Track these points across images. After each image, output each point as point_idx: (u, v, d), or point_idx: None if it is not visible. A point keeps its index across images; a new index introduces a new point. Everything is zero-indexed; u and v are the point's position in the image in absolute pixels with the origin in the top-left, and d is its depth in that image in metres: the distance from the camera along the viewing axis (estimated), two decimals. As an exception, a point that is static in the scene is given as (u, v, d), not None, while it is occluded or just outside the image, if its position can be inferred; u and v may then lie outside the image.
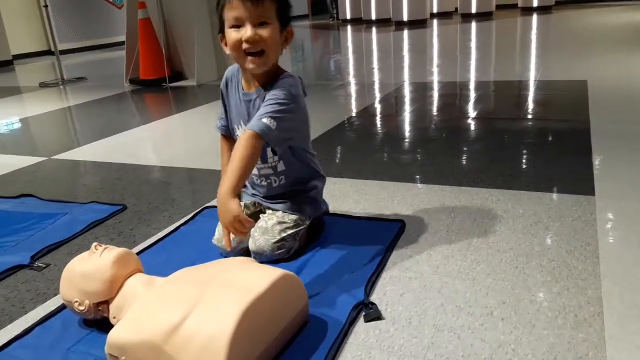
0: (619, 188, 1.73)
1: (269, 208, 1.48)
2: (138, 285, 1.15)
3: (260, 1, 1.25)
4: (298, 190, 1.48)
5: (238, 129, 1.46)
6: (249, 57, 1.30)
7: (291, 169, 1.46)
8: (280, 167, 1.45)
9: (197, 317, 0.97)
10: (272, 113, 1.29)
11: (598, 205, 1.61)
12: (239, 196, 1.24)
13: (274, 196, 1.49)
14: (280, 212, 1.45)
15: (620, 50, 4.74)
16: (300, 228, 1.44)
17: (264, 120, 1.27)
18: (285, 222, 1.42)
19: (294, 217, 1.44)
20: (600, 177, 1.83)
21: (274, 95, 1.32)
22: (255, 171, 1.46)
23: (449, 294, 1.21)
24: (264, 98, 1.35)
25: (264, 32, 1.27)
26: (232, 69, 1.47)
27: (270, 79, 1.37)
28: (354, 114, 3.16)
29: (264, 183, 1.48)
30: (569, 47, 5.30)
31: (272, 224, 1.41)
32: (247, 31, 1.26)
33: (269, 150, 1.42)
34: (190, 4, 4.66)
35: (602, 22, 7.30)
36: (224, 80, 1.49)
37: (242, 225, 1.19)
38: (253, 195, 1.54)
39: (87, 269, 1.16)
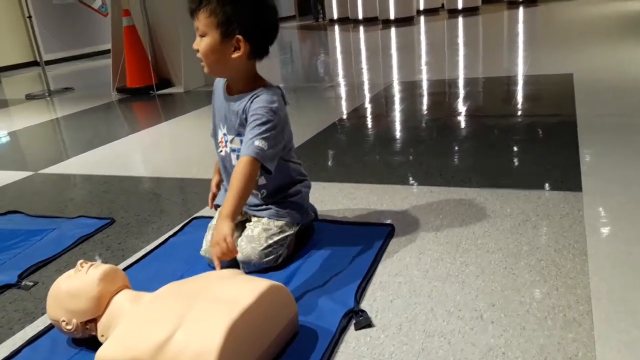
0: (606, 183, 1.73)
1: (255, 216, 1.48)
2: (125, 302, 1.14)
3: (195, 13, 1.31)
4: (282, 197, 1.48)
5: (220, 130, 1.48)
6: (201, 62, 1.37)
7: (272, 181, 1.46)
8: (261, 181, 1.45)
9: (185, 333, 0.96)
10: (261, 134, 1.31)
11: (585, 201, 1.61)
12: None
13: (258, 204, 1.48)
14: (266, 219, 1.44)
15: (606, 42, 4.76)
16: (287, 234, 1.43)
17: (256, 143, 1.30)
18: (271, 229, 1.42)
19: (279, 223, 1.43)
20: (588, 172, 1.83)
21: (257, 114, 1.33)
22: None
23: (439, 298, 1.21)
24: (243, 109, 1.37)
25: (200, 43, 1.33)
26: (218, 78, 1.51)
27: (248, 86, 1.40)
28: (344, 116, 3.16)
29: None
30: (555, 40, 5.32)
31: (258, 232, 1.41)
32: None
33: None
34: (174, 11, 4.64)
35: (587, 13, 7.34)
36: (213, 87, 1.53)
37: (227, 248, 1.20)
38: None
39: (73, 288, 1.15)
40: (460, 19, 8.99)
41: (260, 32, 1.34)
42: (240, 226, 1.49)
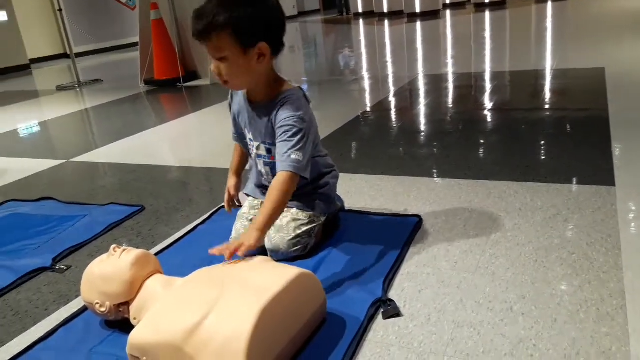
0: (640, 178, 1.70)
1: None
2: (157, 286, 1.16)
3: (207, 40, 1.24)
4: (311, 189, 1.48)
5: (247, 134, 1.47)
6: (221, 82, 1.33)
7: None
8: None
9: (216, 318, 0.98)
10: (295, 146, 1.29)
11: (619, 195, 1.58)
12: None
13: None
14: (295, 209, 1.45)
15: (639, 36, 4.64)
16: (315, 225, 1.44)
17: (292, 157, 1.29)
18: (299, 219, 1.42)
19: (308, 213, 1.44)
20: (621, 167, 1.79)
21: (287, 125, 1.30)
22: (266, 183, 1.48)
23: (468, 290, 1.20)
24: (269, 119, 1.35)
25: (222, 66, 1.27)
26: None
27: (271, 91, 1.36)
28: (368, 109, 3.15)
29: None
30: (585, 34, 5.21)
31: (287, 222, 1.42)
32: (212, 65, 1.30)
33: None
34: (201, 3, 4.67)
35: (619, 7, 7.16)
36: (229, 94, 1.50)
37: (236, 251, 1.18)
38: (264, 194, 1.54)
39: (106, 271, 1.18)
40: (487, 13, 8.86)
41: (275, 30, 1.30)
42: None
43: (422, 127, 2.67)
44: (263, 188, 1.54)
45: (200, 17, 1.25)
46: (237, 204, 1.59)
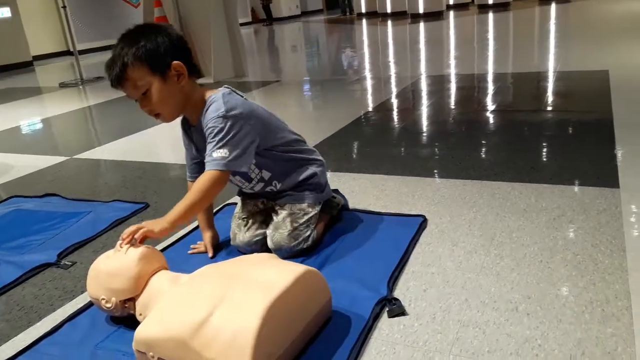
0: (645, 180, 1.70)
1: (277, 205, 1.49)
2: (163, 282, 1.16)
3: (125, 80, 1.25)
4: (298, 182, 1.47)
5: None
6: (155, 118, 1.33)
7: (278, 171, 1.44)
8: (266, 175, 1.44)
9: (223, 313, 0.98)
10: (217, 144, 1.27)
11: (623, 197, 1.58)
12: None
13: (277, 194, 1.48)
14: (288, 204, 1.46)
15: (642, 39, 4.64)
16: (311, 215, 1.44)
17: (214, 155, 1.26)
18: (294, 213, 1.43)
19: (302, 206, 1.45)
20: (625, 169, 1.80)
21: (209, 128, 1.29)
22: (250, 191, 1.48)
23: (473, 289, 1.20)
24: (202, 129, 1.33)
25: (149, 101, 1.28)
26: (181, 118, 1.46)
27: (199, 108, 1.34)
28: (371, 109, 3.15)
29: (267, 190, 1.47)
30: (589, 37, 5.21)
31: (283, 217, 1.43)
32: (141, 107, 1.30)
33: (249, 169, 1.40)
34: (205, 2, 4.68)
35: (622, 9, 7.16)
36: (181, 131, 1.48)
37: (130, 236, 1.20)
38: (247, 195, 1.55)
39: (112, 267, 1.18)
40: (491, 15, 8.86)
41: (183, 50, 1.31)
42: (264, 213, 1.51)
43: (426, 128, 2.67)
44: (243, 194, 1.55)
45: (111, 66, 1.26)
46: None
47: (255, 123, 1.34)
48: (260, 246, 1.45)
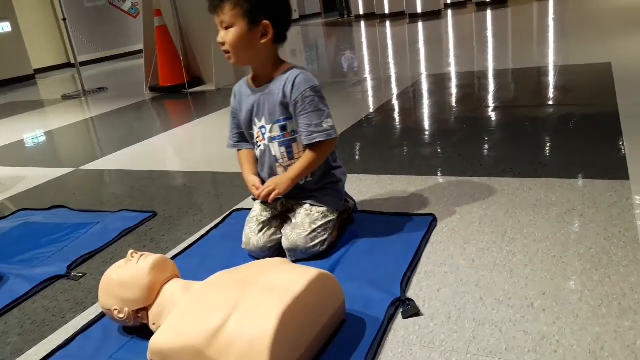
0: (654, 171, 1.69)
1: (297, 202, 1.48)
2: (176, 290, 1.16)
3: (219, 8, 1.34)
4: (325, 184, 1.49)
5: (254, 126, 1.49)
6: (225, 54, 1.40)
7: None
8: None
9: (238, 320, 0.97)
10: (324, 114, 1.39)
11: (634, 189, 1.57)
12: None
13: (300, 192, 1.48)
14: (308, 205, 1.46)
15: (643, 30, 4.62)
16: (329, 219, 1.44)
17: (325, 125, 1.38)
18: (313, 215, 1.43)
19: (321, 209, 1.44)
20: (634, 160, 1.78)
21: (307, 95, 1.37)
22: (280, 169, 1.48)
23: (487, 287, 1.19)
24: (281, 91, 1.40)
25: (227, 35, 1.36)
26: (239, 82, 1.55)
27: (276, 71, 1.43)
28: (373, 110, 3.15)
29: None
30: (590, 30, 5.19)
31: (302, 218, 1.42)
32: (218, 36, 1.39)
33: (295, 145, 1.44)
34: (205, 9, 4.68)
35: (623, 2, 7.13)
36: (232, 96, 1.55)
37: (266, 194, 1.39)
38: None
39: (124, 277, 1.17)
40: (489, 12, 8.85)
41: (282, 15, 1.38)
42: (281, 217, 1.50)
43: (430, 127, 2.66)
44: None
45: None
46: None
47: None
48: (273, 252, 1.45)
